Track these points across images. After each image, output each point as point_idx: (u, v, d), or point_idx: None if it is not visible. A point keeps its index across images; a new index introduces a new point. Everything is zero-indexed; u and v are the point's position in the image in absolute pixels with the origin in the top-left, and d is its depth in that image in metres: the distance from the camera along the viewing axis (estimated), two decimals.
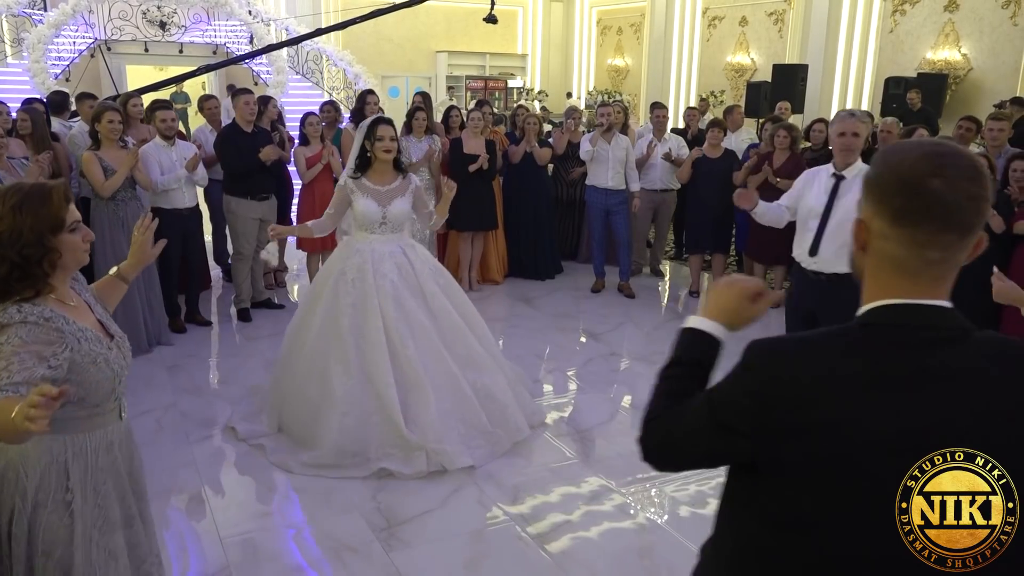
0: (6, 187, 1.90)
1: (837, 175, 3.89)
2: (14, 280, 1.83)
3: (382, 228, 4.03)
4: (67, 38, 12.54)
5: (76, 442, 1.96)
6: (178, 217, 5.54)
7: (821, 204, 3.90)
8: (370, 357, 3.89)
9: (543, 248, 7.46)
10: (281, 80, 12.89)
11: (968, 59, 11.06)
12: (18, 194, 1.85)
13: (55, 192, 1.89)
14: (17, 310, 1.81)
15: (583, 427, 4.49)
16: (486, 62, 17.55)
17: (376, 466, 3.77)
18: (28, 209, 1.83)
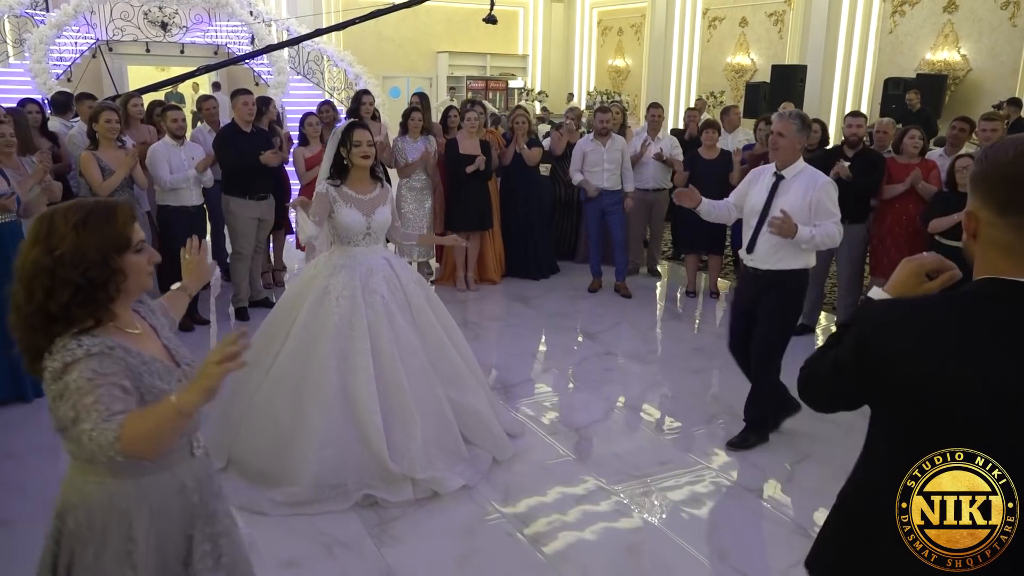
0: (68, 204, 1.72)
1: (777, 175, 3.98)
2: (76, 305, 1.65)
3: (366, 240, 3.74)
4: (69, 38, 12.58)
5: (141, 486, 1.78)
6: (186, 214, 5.64)
7: (761, 202, 3.99)
8: (354, 383, 3.58)
9: (538, 248, 7.49)
10: (282, 80, 12.92)
11: (967, 60, 11.08)
12: (81, 211, 1.69)
13: (121, 210, 1.74)
14: (78, 344, 1.63)
15: (577, 425, 4.51)
16: (487, 63, 17.60)
17: (358, 495, 3.52)
18: (92, 227, 1.67)
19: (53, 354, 1.63)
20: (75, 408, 1.58)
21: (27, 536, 3.26)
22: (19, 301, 1.66)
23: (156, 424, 1.56)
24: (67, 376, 1.61)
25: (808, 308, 6.07)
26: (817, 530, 3.40)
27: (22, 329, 1.68)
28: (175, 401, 1.55)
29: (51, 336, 1.65)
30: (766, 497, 3.79)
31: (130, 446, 1.54)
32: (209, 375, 1.54)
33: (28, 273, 1.64)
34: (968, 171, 4.77)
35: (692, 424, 4.55)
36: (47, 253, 1.63)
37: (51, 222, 1.67)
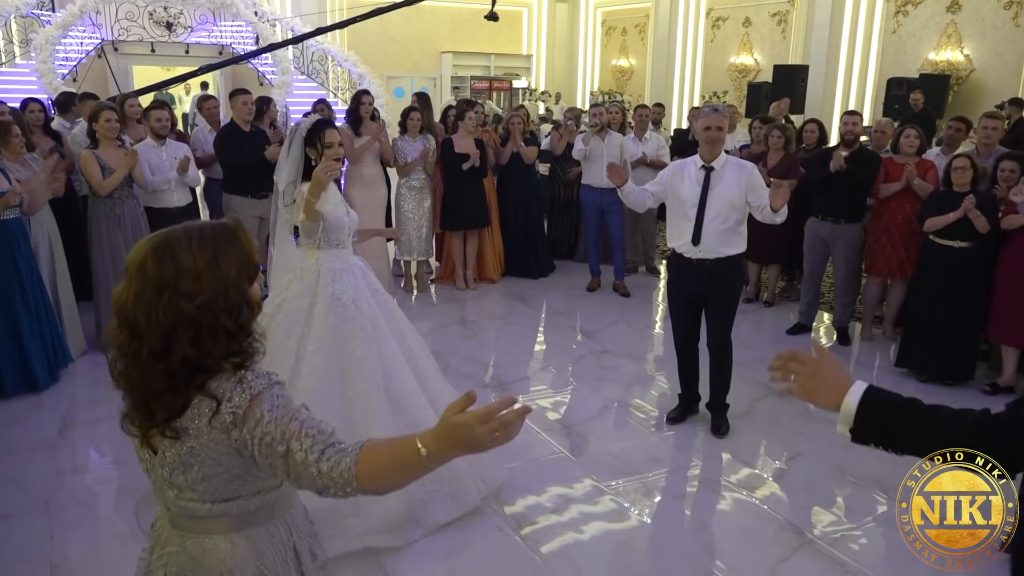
0: (183, 232, 1.43)
1: (706, 167, 4.10)
2: (231, 354, 1.45)
3: (348, 239, 3.57)
4: (74, 39, 12.66)
5: (292, 519, 1.68)
6: (168, 216, 5.62)
7: (695, 195, 4.10)
8: (396, 384, 3.41)
9: (537, 247, 7.52)
10: (285, 80, 12.99)
11: (970, 60, 11.05)
12: (206, 240, 1.43)
13: (241, 230, 1.50)
14: (255, 376, 1.45)
15: (572, 423, 4.54)
16: (491, 63, 17.62)
17: (433, 523, 3.32)
18: (225, 258, 1.43)
19: (226, 398, 1.41)
20: (284, 439, 1.39)
21: (25, 530, 3.33)
22: (143, 354, 1.39)
23: (399, 465, 1.39)
24: (257, 410, 1.41)
25: (805, 307, 6.10)
26: (808, 529, 3.44)
27: (149, 386, 1.40)
28: (424, 452, 1.36)
29: (190, 389, 1.42)
30: (757, 495, 3.81)
31: (369, 485, 1.38)
32: (473, 440, 1.34)
33: (163, 324, 1.37)
34: (965, 171, 4.81)
35: (684, 422, 4.56)
36: (187, 299, 1.37)
37: (176, 259, 1.39)
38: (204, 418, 1.42)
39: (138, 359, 1.40)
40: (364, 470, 1.37)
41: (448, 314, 6.52)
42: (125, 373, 1.43)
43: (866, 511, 3.67)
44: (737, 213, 4.11)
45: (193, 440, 1.44)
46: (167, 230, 1.45)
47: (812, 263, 5.95)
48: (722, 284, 4.20)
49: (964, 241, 4.86)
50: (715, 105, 4.45)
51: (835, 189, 5.61)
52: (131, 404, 1.46)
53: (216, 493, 1.50)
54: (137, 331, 1.38)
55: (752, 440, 4.39)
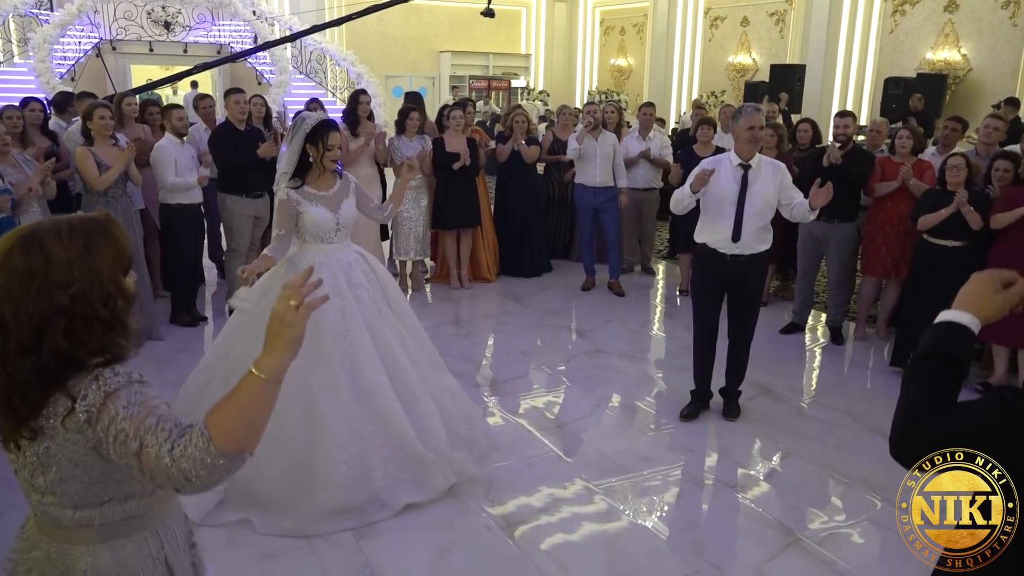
0: (51, 226, 1.39)
1: (744, 165, 4.18)
2: (108, 345, 1.40)
3: (338, 236, 3.61)
4: (72, 38, 12.69)
5: (165, 529, 1.59)
6: (193, 212, 5.77)
7: (734, 193, 4.16)
8: (365, 376, 3.49)
9: (532, 246, 7.52)
10: (284, 80, 13.01)
11: (968, 59, 11.06)
12: (76, 232, 1.39)
13: (114, 223, 1.48)
14: (113, 373, 1.38)
15: (563, 422, 4.54)
16: (490, 62, 17.63)
17: (397, 505, 3.43)
18: (98, 249, 1.39)
19: (81, 396, 1.35)
20: (137, 435, 1.31)
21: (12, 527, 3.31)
22: (10, 348, 1.34)
23: (247, 405, 1.33)
24: (112, 407, 1.34)
25: (799, 307, 6.10)
26: (796, 528, 3.43)
27: (16, 383, 1.35)
28: (257, 371, 1.33)
29: (57, 385, 1.36)
30: (747, 494, 3.80)
31: (228, 443, 1.30)
32: (289, 323, 1.33)
33: (33, 316, 1.33)
34: (960, 170, 4.81)
35: (677, 422, 4.56)
36: (60, 289, 1.33)
37: (45, 250, 1.35)
38: (59, 417, 1.36)
39: (5, 355, 1.34)
40: (215, 428, 1.30)
41: (442, 313, 6.52)
42: None
43: (855, 510, 3.67)
44: (771, 211, 4.24)
45: (49, 440, 1.37)
46: (33, 223, 1.41)
47: (806, 262, 5.95)
48: (753, 279, 4.37)
49: (957, 240, 4.86)
50: (756, 106, 4.46)
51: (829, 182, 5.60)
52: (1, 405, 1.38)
53: (77, 498, 1.43)
54: (3, 326, 1.33)
55: (743, 439, 4.39)
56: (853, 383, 5.34)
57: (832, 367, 5.62)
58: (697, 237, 4.40)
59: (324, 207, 3.56)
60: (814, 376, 5.51)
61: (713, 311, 4.47)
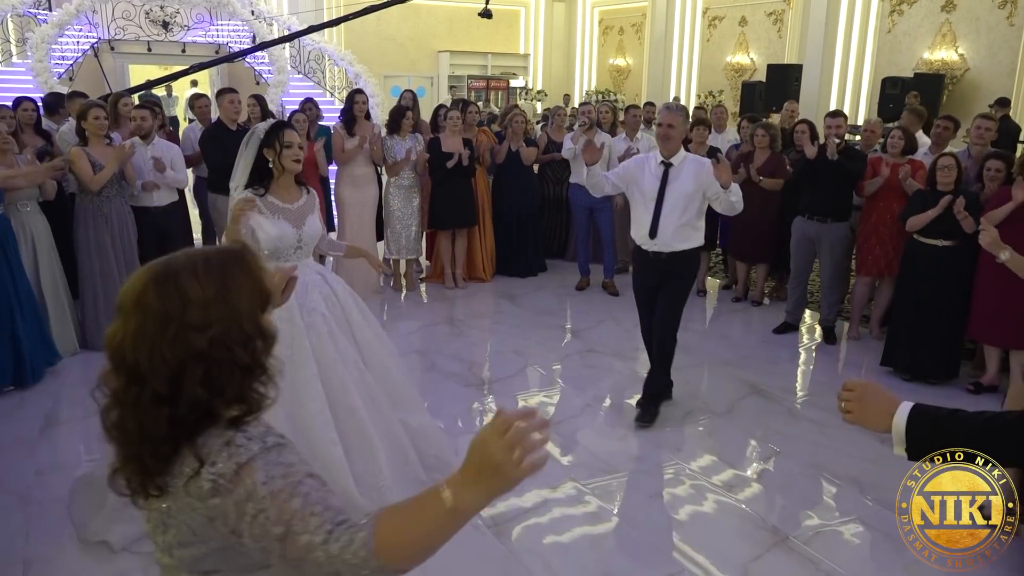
0: (186, 260, 1.25)
1: (665, 162, 4.23)
2: (248, 393, 1.25)
3: (297, 254, 3.30)
4: (71, 38, 12.68)
5: None
6: (152, 215, 5.65)
7: (654, 189, 4.22)
8: (305, 414, 3.18)
9: (528, 246, 7.53)
10: (282, 79, 12.98)
11: (965, 59, 11.04)
12: (213, 267, 1.25)
13: (250, 255, 1.32)
14: (247, 438, 1.22)
15: (555, 421, 4.54)
16: (488, 62, 17.62)
17: None
18: (236, 287, 1.25)
19: (210, 461, 1.20)
20: (282, 520, 1.16)
21: (0, 527, 3.33)
22: (144, 399, 1.19)
23: (428, 531, 1.17)
24: (248, 480, 1.18)
25: (792, 307, 6.11)
26: (784, 527, 3.44)
27: (150, 435, 1.20)
28: (451, 502, 1.13)
29: (189, 440, 1.22)
30: (735, 493, 3.80)
31: (393, 561, 1.15)
32: (505, 477, 1.11)
33: (169, 362, 1.18)
34: (950, 170, 4.80)
35: (667, 421, 4.56)
36: (197, 332, 1.19)
37: (181, 289, 1.20)
38: (183, 478, 1.21)
39: (138, 406, 1.19)
40: (383, 541, 1.14)
41: (436, 313, 6.53)
42: (120, 424, 1.22)
43: (843, 510, 3.67)
44: (694, 208, 4.24)
45: (171, 499, 1.23)
46: (167, 258, 1.26)
47: (799, 262, 5.95)
48: (678, 278, 4.35)
49: (948, 240, 4.86)
50: (669, 104, 4.55)
51: (822, 188, 5.61)
52: (123, 458, 1.24)
53: (192, 564, 1.28)
54: (138, 374, 1.18)
55: (733, 439, 4.40)
56: None
57: (825, 367, 5.62)
58: (631, 234, 4.49)
59: (287, 221, 3.25)
60: (806, 376, 5.51)
61: (647, 309, 4.51)
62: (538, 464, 1.11)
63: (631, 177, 4.34)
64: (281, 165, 3.23)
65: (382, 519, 1.17)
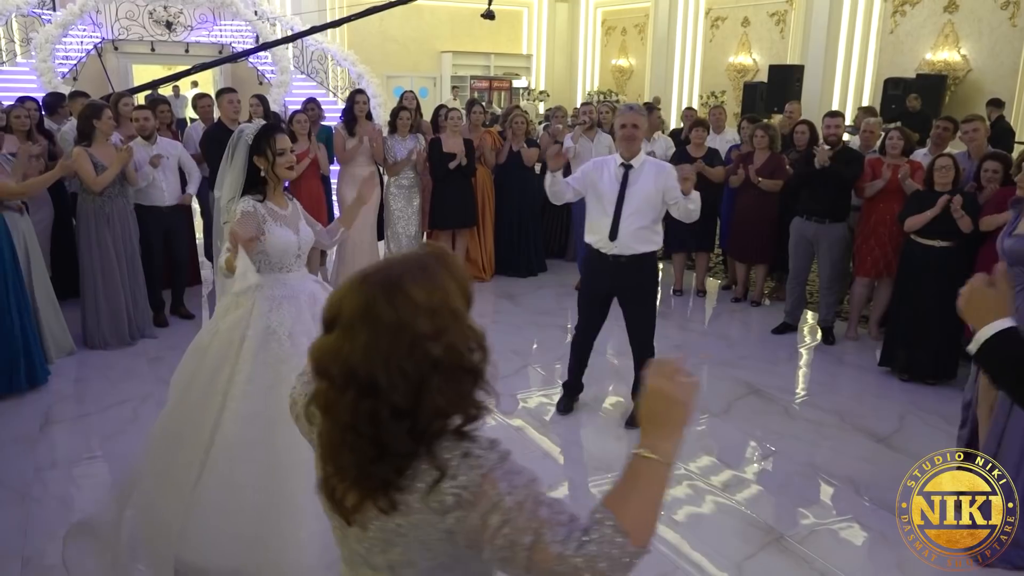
0: (400, 264, 1.20)
1: (625, 164, 4.17)
2: (473, 399, 1.20)
3: (298, 263, 3.12)
4: (75, 38, 12.73)
5: None
6: (158, 214, 5.69)
7: (614, 192, 4.15)
8: None
9: (528, 246, 7.55)
10: (285, 79, 13.02)
11: (967, 60, 11.03)
12: (428, 270, 1.19)
13: (448, 255, 1.26)
14: (480, 448, 1.19)
15: (554, 420, 4.56)
16: (491, 62, 17.64)
17: None
18: (455, 291, 1.20)
19: (451, 473, 1.16)
20: (530, 528, 1.14)
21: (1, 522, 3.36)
22: (382, 415, 1.14)
23: (656, 496, 1.21)
24: (491, 491, 1.15)
25: (791, 307, 6.11)
26: (778, 526, 3.44)
27: (390, 453, 1.16)
28: (660, 456, 1.19)
29: (428, 452, 1.18)
30: (730, 491, 3.81)
31: (644, 538, 1.18)
32: (684, 403, 1.22)
33: (410, 375, 1.13)
34: (947, 171, 4.80)
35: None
36: (433, 340, 1.14)
37: (410, 296, 1.15)
38: (418, 492, 1.16)
39: (376, 422, 1.14)
40: (631, 525, 1.16)
41: None
42: (343, 442, 1.17)
43: (838, 509, 3.68)
44: (653, 211, 4.19)
45: (402, 516, 1.18)
46: (381, 267, 1.20)
47: (797, 263, 5.96)
48: (640, 282, 4.32)
49: (945, 241, 4.86)
50: (630, 104, 4.54)
51: (820, 189, 5.62)
52: (333, 472, 1.21)
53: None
54: (373, 388, 1.13)
55: (730, 438, 4.41)
56: (843, 383, 5.35)
57: (823, 367, 5.63)
58: (585, 237, 4.41)
59: (288, 228, 3.09)
60: (805, 376, 5.52)
61: (595, 312, 4.45)
62: (697, 383, 1.24)
63: (590, 180, 4.26)
64: (275, 175, 3.05)
65: (614, 504, 1.19)
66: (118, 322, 5.33)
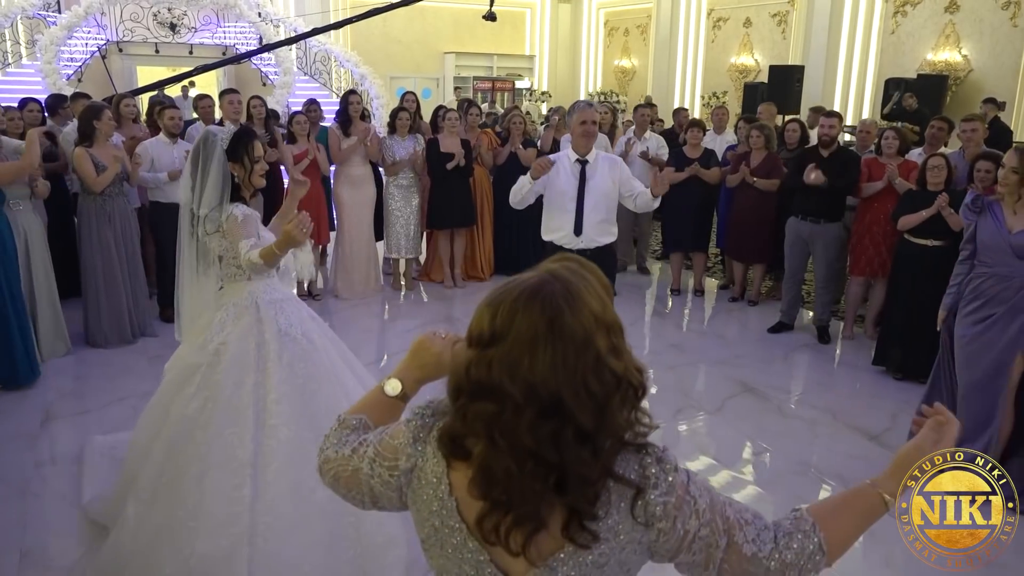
0: (564, 274, 1.11)
1: (581, 160, 4.25)
2: (638, 416, 1.15)
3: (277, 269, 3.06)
4: (80, 39, 12.82)
5: None
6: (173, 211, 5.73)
7: (574, 188, 4.22)
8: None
9: (526, 245, 7.58)
10: (288, 80, 13.07)
11: (968, 60, 11.03)
12: (589, 279, 1.13)
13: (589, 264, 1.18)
14: (658, 457, 1.17)
15: None
16: (494, 63, 17.67)
17: None
18: (608, 300, 1.14)
19: (652, 484, 1.13)
20: (725, 530, 1.16)
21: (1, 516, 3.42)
22: (567, 437, 1.05)
23: (863, 527, 1.24)
24: (687, 499, 1.14)
25: (787, 306, 6.14)
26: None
27: (572, 479, 1.06)
28: (892, 503, 1.24)
29: (610, 473, 1.11)
30: (720, 489, 3.84)
31: (835, 557, 1.20)
32: (924, 456, 1.26)
33: (596, 393, 1.06)
34: (940, 170, 4.83)
35: (658, 418, 4.59)
36: (614, 356, 1.08)
37: (590, 307, 1.08)
38: (619, 512, 1.11)
39: (559, 445, 1.04)
40: (833, 542, 1.19)
41: (435, 311, 6.60)
42: (523, 470, 1.05)
43: None
44: (611, 204, 4.32)
45: (604, 544, 1.11)
46: (542, 279, 1.10)
47: (792, 262, 5.99)
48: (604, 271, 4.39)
49: (938, 240, 4.88)
50: (588, 101, 4.61)
51: (814, 190, 5.65)
52: (494, 507, 1.09)
53: None
54: (558, 409, 1.04)
55: (722, 435, 4.44)
56: (838, 382, 5.38)
57: (818, 366, 5.66)
58: (544, 236, 4.45)
59: (271, 232, 3.05)
60: (799, 375, 5.55)
61: None
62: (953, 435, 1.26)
63: (547, 179, 4.29)
64: (251, 183, 2.96)
65: (824, 520, 1.19)
66: (119, 320, 5.39)
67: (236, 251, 2.89)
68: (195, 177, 2.94)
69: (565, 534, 1.09)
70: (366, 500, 1.34)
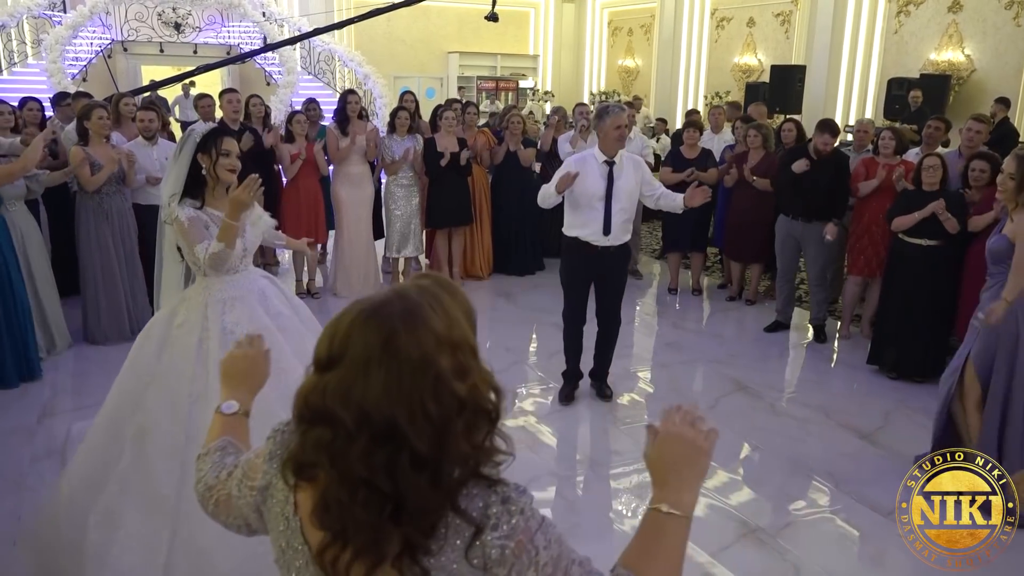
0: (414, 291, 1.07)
1: (609, 162, 4.35)
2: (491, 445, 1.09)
3: (244, 263, 3.06)
4: (85, 39, 12.90)
5: None
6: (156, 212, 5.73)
7: (602, 188, 4.34)
8: None
9: (525, 245, 7.62)
10: (292, 80, 13.12)
11: (971, 60, 11.01)
12: (437, 297, 1.07)
13: (448, 281, 1.15)
14: (516, 490, 1.09)
15: (538, 415, 4.63)
16: (497, 63, 17.69)
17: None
18: (464, 320, 1.09)
19: (491, 524, 1.05)
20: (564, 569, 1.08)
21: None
22: (401, 464, 1.00)
23: (678, 552, 1.15)
24: (531, 545, 1.06)
25: (781, 305, 6.15)
26: (754, 519, 3.49)
27: (410, 508, 1.02)
28: (680, 512, 1.14)
29: (453, 506, 1.05)
30: (709, 485, 3.86)
31: None
32: (706, 452, 1.17)
33: (434, 418, 1.00)
34: (935, 170, 4.83)
35: (649, 415, 4.63)
36: (458, 378, 1.03)
37: (431, 327, 1.03)
38: (456, 550, 1.04)
39: (392, 471, 1.00)
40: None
41: None
42: (355, 500, 1.01)
43: (814, 503, 3.73)
44: (634, 204, 4.50)
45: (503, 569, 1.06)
46: (387, 298, 1.06)
47: (785, 261, 6.00)
48: (619, 268, 4.63)
49: (932, 240, 4.88)
50: (620, 104, 4.64)
51: (805, 189, 5.66)
52: (333, 539, 1.05)
53: None
54: (393, 435, 0.99)
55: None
56: (833, 381, 5.38)
57: (812, 365, 5.66)
58: (568, 232, 4.60)
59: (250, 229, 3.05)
60: (793, 373, 5.56)
61: (582, 297, 4.75)
62: (715, 430, 1.18)
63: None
64: (215, 174, 2.98)
65: (637, 566, 1.12)
66: (118, 317, 5.43)
67: (194, 255, 2.95)
68: (171, 165, 3.06)
69: (395, 566, 1.03)
70: (241, 525, 1.29)
